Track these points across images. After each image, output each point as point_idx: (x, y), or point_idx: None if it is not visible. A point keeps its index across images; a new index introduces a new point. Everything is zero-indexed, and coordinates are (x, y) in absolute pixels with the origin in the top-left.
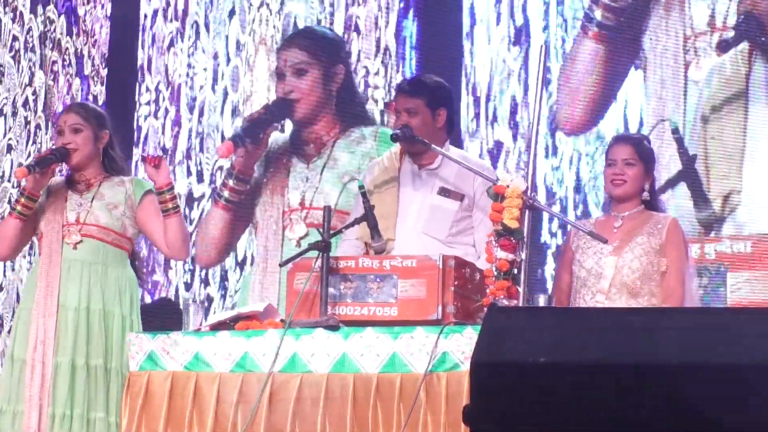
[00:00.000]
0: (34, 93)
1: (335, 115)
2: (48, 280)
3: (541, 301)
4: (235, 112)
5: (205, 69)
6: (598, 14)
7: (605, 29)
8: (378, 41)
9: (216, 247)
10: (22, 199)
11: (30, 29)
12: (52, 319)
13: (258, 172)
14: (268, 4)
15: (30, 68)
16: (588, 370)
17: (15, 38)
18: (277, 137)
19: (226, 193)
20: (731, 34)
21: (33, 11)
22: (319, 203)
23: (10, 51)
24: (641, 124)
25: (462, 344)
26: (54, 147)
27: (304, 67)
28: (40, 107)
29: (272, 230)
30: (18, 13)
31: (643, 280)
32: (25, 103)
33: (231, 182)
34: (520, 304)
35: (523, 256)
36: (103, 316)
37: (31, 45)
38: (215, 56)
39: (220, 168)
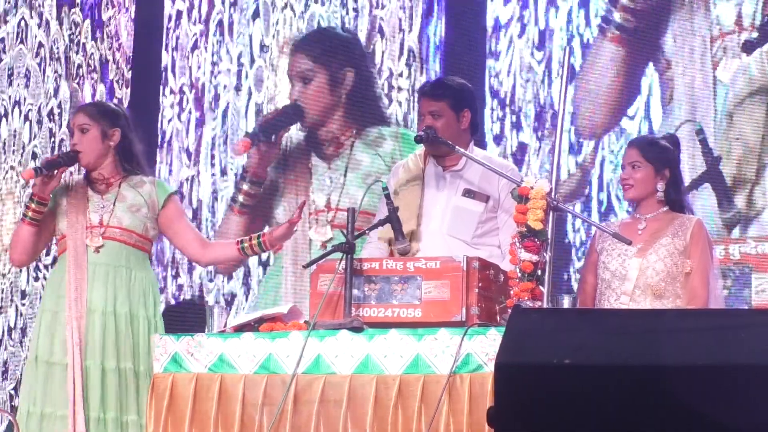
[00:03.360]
0: (59, 106)
1: (348, 117)
2: (76, 283)
3: (566, 302)
4: (258, 113)
5: (228, 70)
6: (617, 16)
7: (624, 32)
8: (402, 44)
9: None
10: (33, 205)
11: (56, 40)
12: (83, 321)
13: (277, 172)
14: (292, 6)
15: (55, 79)
16: (612, 372)
17: (41, 45)
18: (291, 135)
19: (240, 198)
20: (756, 34)
21: (59, 18)
22: (345, 205)
23: (36, 56)
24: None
25: (486, 346)
26: (62, 151)
27: (309, 75)
28: (64, 121)
29: (299, 232)
30: (44, 19)
31: (667, 282)
32: (50, 113)
33: (245, 186)
34: (545, 306)
35: (548, 257)
36: (129, 318)
37: (56, 55)
38: (239, 57)
39: (244, 172)
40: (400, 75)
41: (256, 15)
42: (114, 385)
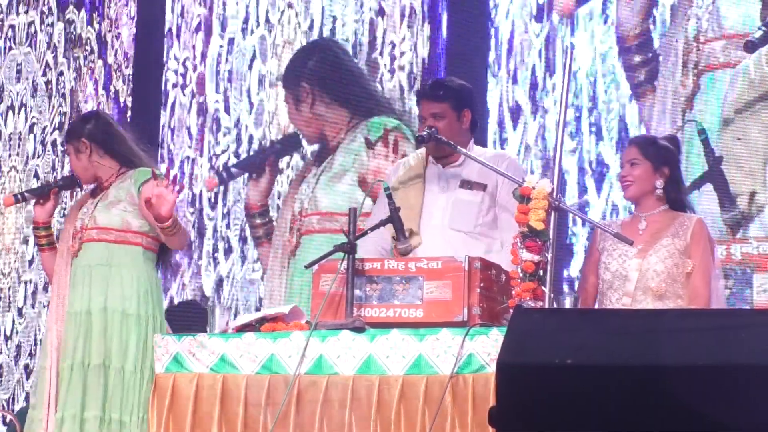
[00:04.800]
0: (63, 143)
1: (336, 122)
2: (58, 289)
3: (567, 302)
4: (260, 110)
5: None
6: (641, 76)
7: (650, 81)
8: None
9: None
10: (40, 232)
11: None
12: (61, 325)
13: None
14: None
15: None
16: (614, 372)
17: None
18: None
19: (260, 232)
20: (758, 34)
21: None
22: (312, 208)
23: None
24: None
25: (488, 346)
26: (62, 176)
27: (286, 102)
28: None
29: (280, 241)
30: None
31: (668, 283)
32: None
33: (257, 221)
34: (546, 306)
35: (549, 257)
36: (104, 315)
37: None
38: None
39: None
40: (402, 69)
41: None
42: (78, 383)
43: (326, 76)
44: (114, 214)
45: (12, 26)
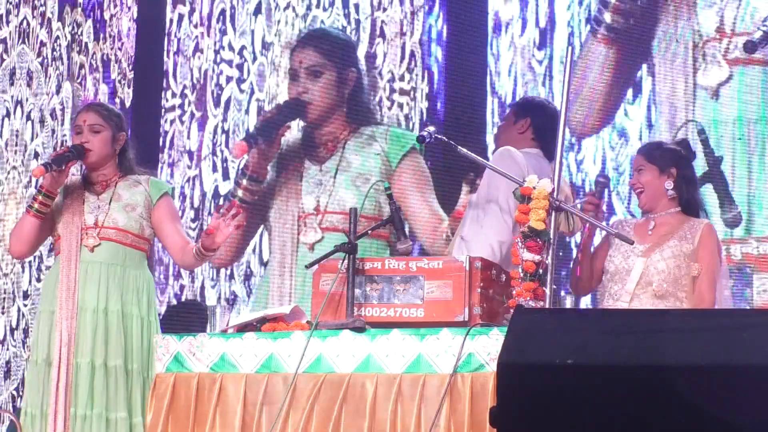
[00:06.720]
0: (61, 104)
1: (347, 117)
2: (68, 283)
3: (568, 302)
4: (260, 112)
5: (231, 60)
6: (607, 17)
7: (614, 32)
8: (403, 47)
9: (229, 247)
10: (40, 197)
11: (58, 37)
12: (74, 321)
13: (271, 174)
14: (294, 7)
15: (58, 78)
16: (614, 372)
17: (42, 44)
18: (289, 138)
19: (240, 193)
20: (758, 34)
21: (60, 18)
22: (335, 207)
23: (38, 56)
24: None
25: (488, 345)
26: (71, 145)
27: (320, 69)
28: (67, 119)
29: (288, 236)
30: (46, 18)
31: (669, 283)
32: (53, 113)
33: (245, 182)
34: (547, 306)
35: (550, 257)
36: (122, 317)
37: (58, 53)
38: (241, 52)
39: (244, 168)
40: (402, 78)
41: (258, 11)
42: (101, 383)
43: (361, 72)
44: (133, 219)
45: (3, 39)
